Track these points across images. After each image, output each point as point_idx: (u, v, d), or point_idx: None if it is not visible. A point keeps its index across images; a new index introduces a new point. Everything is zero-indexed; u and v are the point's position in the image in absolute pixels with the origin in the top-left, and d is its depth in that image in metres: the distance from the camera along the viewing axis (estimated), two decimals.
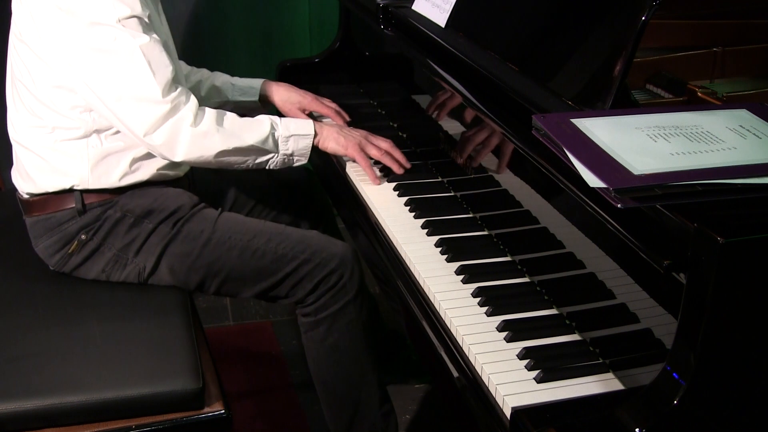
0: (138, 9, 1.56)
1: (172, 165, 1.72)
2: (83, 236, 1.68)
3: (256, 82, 2.05)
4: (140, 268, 1.69)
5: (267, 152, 1.70)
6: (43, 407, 1.41)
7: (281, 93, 2.03)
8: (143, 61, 1.55)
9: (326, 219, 2.16)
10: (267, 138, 1.68)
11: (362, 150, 1.78)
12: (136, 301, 1.66)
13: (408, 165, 1.80)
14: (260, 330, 2.59)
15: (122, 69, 1.55)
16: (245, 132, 1.66)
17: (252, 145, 1.66)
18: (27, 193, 1.72)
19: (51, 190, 1.68)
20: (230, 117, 1.67)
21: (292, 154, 1.73)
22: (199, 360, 1.52)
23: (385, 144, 1.80)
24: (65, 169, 1.67)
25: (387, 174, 1.84)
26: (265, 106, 2.05)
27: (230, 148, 1.64)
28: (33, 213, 1.71)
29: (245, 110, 2.03)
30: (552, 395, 1.16)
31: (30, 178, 1.70)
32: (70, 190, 1.68)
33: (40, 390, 1.42)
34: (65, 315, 1.61)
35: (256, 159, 1.70)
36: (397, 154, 1.79)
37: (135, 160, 1.69)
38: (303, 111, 2.01)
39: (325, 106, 2.02)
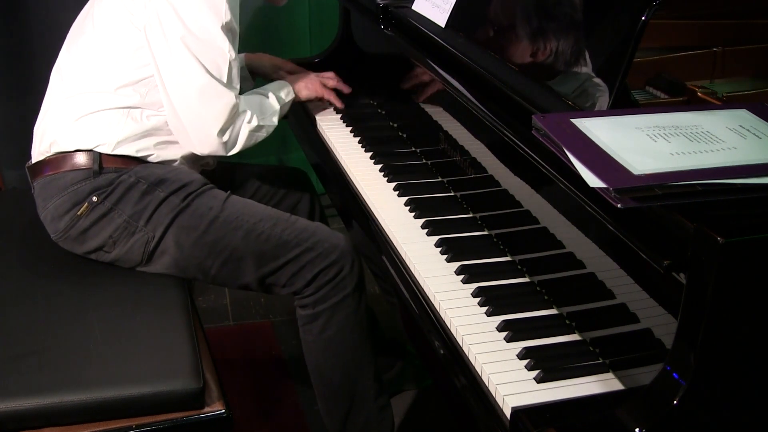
0: (236, 22, 1.73)
1: (194, 158, 1.84)
2: (94, 198, 1.68)
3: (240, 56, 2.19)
4: (149, 237, 1.70)
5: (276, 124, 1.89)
6: (43, 406, 1.41)
7: (267, 63, 2.22)
8: (226, 71, 1.71)
9: (319, 214, 2.17)
10: (280, 113, 1.90)
11: (326, 87, 2.09)
12: (137, 300, 1.66)
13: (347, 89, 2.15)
14: (260, 330, 2.59)
15: (211, 68, 1.69)
16: (269, 114, 1.86)
17: (275, 125, 1.87)
18: (43, 153, 1.74)
19: (71, 149, 1.71)
20: (256, 104, 1.84)
21: (284, 116, 1.97)
22: (200, 360, 1.52)
23: (332, 76, 2.12)
24: (94, 133, 1.70)
25: (387, 174, 1.84)
26: (252, 76, 2.20)
27: (267, 134, 1.85)
28: (46, 173, 1.72)
29: None
30: (552, 395, 1.16)
31: (54, 135, 1.72)
32: (89, 150, 1.70)
33: (40, 389, 1.42)
34: (65, 314, 1.61)
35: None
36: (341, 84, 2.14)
37: (159, 144, 1.76)
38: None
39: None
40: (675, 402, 0.99)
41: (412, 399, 2.25)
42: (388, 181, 1.82)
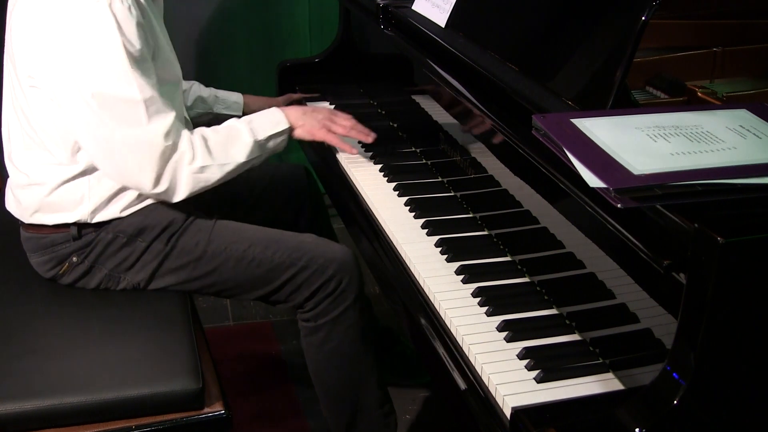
0: (138, 46, 1.53)
1: None
2: (74, 258, 1.67)
3: (239, 97, 2.11)
4: (134, 283, 1.69)
5: (252, 161, 1.70)
6: (44, 407, 1.41)
7: (264, 105, 2.03)
8: (143, 114, 1.53)
9: (321, 218, 2.16)
10: (252, 149, 1.68)
11: (329, 131, 1.80)
12: (136, 301, 1.66)
13: (373, 135, 1.85)
14: (260, 330, 2.59)
15: (122, 120, 1.54)
16: (231, 150, 1.66)
17: (242, 163, 1.67)
18: (21, 215, 1.70)
19: (50, 223, 1.66)
20: (213, 139, 1.64)
21: (272, 152, 1.76)
22: (199, 360, 1.52)
23: (348, 122, 1.84)
24: (69, 208, 1.65)
25: (387, 174, 1.84)
26: None
27: (225, 173, 1.65)
28: (27, 230, 1.71)
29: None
30: (552, 395, 1.16)
31: (28, 210, 1.67)
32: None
33: (40, 390, 1.42)
34: (65, 315, 1.61)
35: (243, 168, 1.70)
36: (362, 127, 1.84)
37: (136, 198, 1.68)
38: None
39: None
40: (675, 402, 0.99)
41: (411, 398, 2.25)
42: (388, 181, 1.82)
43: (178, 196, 1.62)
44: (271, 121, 1.74)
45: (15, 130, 1.67)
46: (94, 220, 1.66)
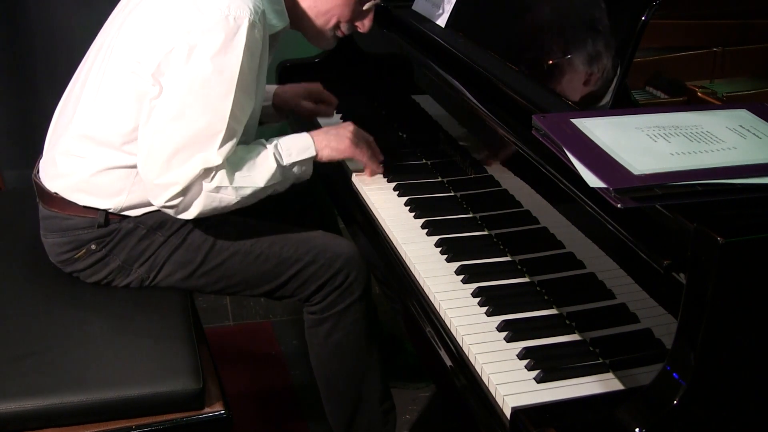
0: (251, 73, 1.53)
1: None
2: (93, 246, 1.66)
3: (269, 87, 2.06)
4: (143, 277, 1.69)
5: (274, 185, 1.64)
6: (44, 407, 1.41)
7: (290, 94, 2.04)
8: (219, 138, 1.51)
9: (328, 217, 2.16)
10: (275, 173, 1.61)
11: (357, 148, 1.76)
12: (137, 301, 1.66)
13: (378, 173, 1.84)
14: (260, 330, 2.59)
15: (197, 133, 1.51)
16: (254, 173, 1.59)
17: (262, 187, 1.60)
18: (52, 186, 1.68)
19: (80, 203, 1.65)
20: (242, 159, 1.59)
21: (296, 180, 1.69)
22: (199, 360, 1.52)
23: (374, 147, 1.81)
24: (105, 195, 1.64)
25: (387, 174, 1.84)
26: (278, 111, 2.05)
27: (242, 197, 1.58)
28: (52, 207, 1.68)
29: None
30: (552, 395, 1.16)
31: (64, 182, 1.66)
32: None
33: (40, 390, 1.42)
34: (66, 315, 1.61)
35: (264, 194, 1.63)
36: (375, 164, 1.82)
37: None
38: (315, 101, 2.06)
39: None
40: (675, 402, 0.99)
41: (411, 398, 2.25)
42: (389, 181, 1.82)
43: (189, 215, 1.56)
44: (298, 146, 1.67)
45: (87, 104, 1.64)
46: (124, 213, 1.66)
